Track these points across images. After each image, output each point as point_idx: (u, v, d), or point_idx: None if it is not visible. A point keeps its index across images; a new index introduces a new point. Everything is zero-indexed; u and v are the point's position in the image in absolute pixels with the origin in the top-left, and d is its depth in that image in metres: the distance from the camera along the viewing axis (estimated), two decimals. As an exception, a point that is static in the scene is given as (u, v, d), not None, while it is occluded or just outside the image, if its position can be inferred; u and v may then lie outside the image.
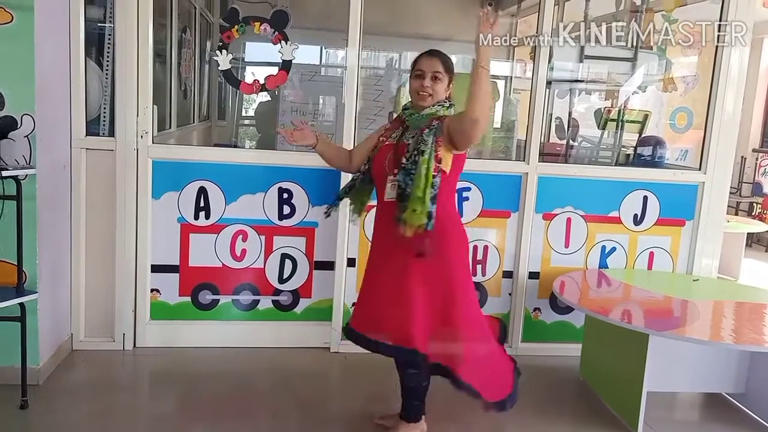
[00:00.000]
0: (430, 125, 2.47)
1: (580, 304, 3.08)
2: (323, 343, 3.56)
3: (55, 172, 3.08)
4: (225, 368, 3.29)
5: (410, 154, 2.43)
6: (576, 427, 2.96)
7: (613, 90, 4.78)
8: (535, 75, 3.54)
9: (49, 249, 3.00)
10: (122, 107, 3.24)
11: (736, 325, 2.95)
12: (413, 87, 2.52)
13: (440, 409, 2.85)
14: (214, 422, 2.78)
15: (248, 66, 4.39)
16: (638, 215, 3.71)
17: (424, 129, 2.46)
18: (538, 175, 3.58)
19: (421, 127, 2.48)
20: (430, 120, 2.49)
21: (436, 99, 2.51)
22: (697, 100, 4.00)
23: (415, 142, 2.45)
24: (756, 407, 3.11)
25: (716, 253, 3.78)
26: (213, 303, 3.51)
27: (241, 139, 5.05)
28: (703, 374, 3.13)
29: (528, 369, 3.53)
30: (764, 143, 8.42)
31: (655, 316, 3.05)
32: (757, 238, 7.66)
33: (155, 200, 3.36)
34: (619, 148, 4.47)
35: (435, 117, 2.49)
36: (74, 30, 3.13)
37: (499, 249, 3.64)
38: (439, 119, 2.47)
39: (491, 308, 3.68)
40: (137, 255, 3.36)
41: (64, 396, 2.88)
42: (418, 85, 2.50)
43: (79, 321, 3.36)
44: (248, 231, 3.46)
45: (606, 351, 3.24)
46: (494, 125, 4.34)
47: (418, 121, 2.51)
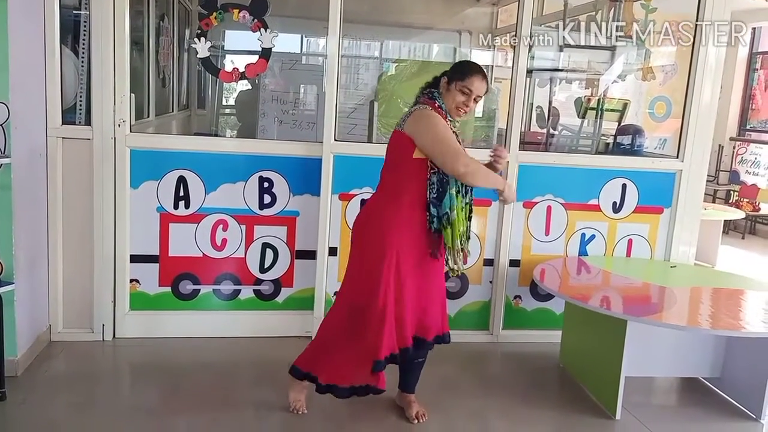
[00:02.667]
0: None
1: (560, 291, 3.11)
2: (305, 332, 3.55)
3: (31, 162, 3.03)
4: (206, 358, 3.28)
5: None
6: (556, 412, 2.99)
7: (593, 79, 4.81)
8: (515, 64, 3.54)
9: (25, 239, 2.96)
10: (99, 95, 3.19)
11: (712, 311, 3.00)
12: (457, 101, 2.53)
13: (421, 395, 2.87)
14: (196, 413, 2.77)
15: (228, 54, 4.36)
16: (617, 203, 3.75)
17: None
18: (518, 164, 3.59)
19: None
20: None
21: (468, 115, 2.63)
22: (676, 89, 4.03)
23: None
24: (732, 391, 3.17)
25: (693, 241, 3.83)
26: (194, 293, 3.49)
27: (221, 128, 5.00)
28: (680, 359, 3.18)
29: (509, 356, 3.61)
30: (741, 132, 8.54)
31: (633, 303, 3.09)
32: (733, 225, 7.77)
33: (134, 190, 3.33)
34: (599, 136, 4.51)
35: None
36: (49, 17, 3.07)
37: (480, 237, 3.66)
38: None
39: (473, 296, 3.71)
40: (116, 245, 3.33)
41: (43, 387, 2.86)
42: (461, 102, 2.53)
43: (57, 312, 3.32)
44: (229, 220, 3.44)
45: (585, 337, 3.28)
46: (475, 114, 4.35)
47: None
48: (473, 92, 2.51)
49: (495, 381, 3.29)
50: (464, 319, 3.71)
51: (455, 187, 2.52)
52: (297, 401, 2.78)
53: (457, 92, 2.52)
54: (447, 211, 2.50)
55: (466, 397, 3.06)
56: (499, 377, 3.37)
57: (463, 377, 3.25)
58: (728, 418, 3.02)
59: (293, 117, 3.94)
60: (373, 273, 2.51)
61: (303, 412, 2.76)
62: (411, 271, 2.55)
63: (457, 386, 3.15)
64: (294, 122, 3.92)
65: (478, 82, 2.51)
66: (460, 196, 2.54)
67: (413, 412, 2.76)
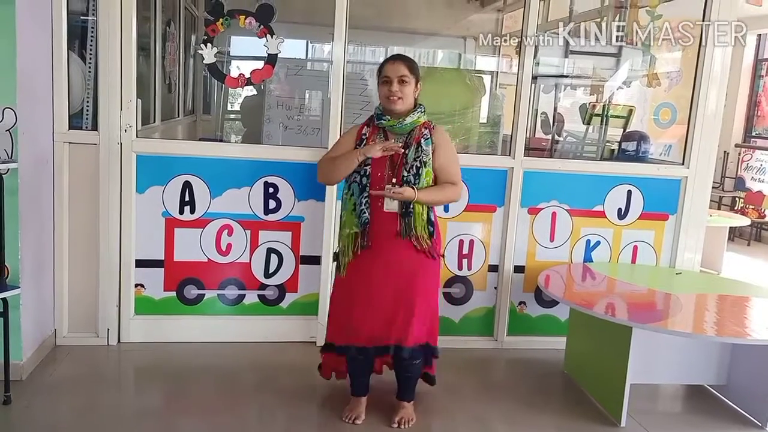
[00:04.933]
0: (422, 134, 2.62)
1: (564, 298, 3.11)
2: (309, 338, 3.56)
3: (38, 167, 3.05)
4: (210, 363, 3.28)
5: (410, 166, 2.58)
6: (560, 419, 2.98)
7: (598, 85, 4.81)
8: (520, 70, 3.55)
9: (31, 244, 2.97)
10: (105, 101, 3.21)
11: (718, 318, 2.99)
12: (382, 93, 2.63)
13: (425, 402, 2.86)
14: (200, 418, 2.77)
15: (234, 60, 4.37)
16: (622, 209, 3.74)
17: (419, 138, 2.60)
18: (523, 170, 3.59)
19: (404, 134, 2.63)
20: (419, 128, 2.63)
21: (406, 102, 2.62)
22: (681, 96, 4.03)
23: (415, 153, 2.59)
24: (737, 399, 3.15)
25: (699, 247, 3.82)
26: (198, 298, 3.49)
27: (226, 133, 5.02)
28: (685, 366, 3.17)
29: (513, 362, 3.60)
30: (747, 138, 8.51)
31: (638, 309, 3.08)
32: (739, 232, 7.75)
33: (139, 195, 3.34)
34: (604, 143, 4.50)
35: (421, 125, 2.64)
36: (56, 22, 3.09)
37: (484, 243, 3.65)
38: (425, 126, 2.65)
39: (477, 302, 3.70)
40: (121, 250, 3.34)
41: (48, 392, 2.86)
42: (386, 91, 2.60)
43: (62, 316, 3.33)
44: (234, 225, 3.45)
45: (590, 344, 3.27)
46: (480, 120, 4.35)
47: (403, 129, 2.63)
48: (391, 77, 2.59)
49: (499, 387, 3.28)
50: (469, 325, 3.70)
51: (347, 190, 2.68)
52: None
53: (381, 87, 2.63)
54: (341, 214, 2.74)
55: (470, 402, 3.05)
56: (504, 383, 3.36)
57: (467, 383, 3.24)
58: (733, 425, 3.00)
59: (298, 122, 3.95)
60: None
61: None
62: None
63: (461, 392, 3.15)
64: (299, 128, 3.93)
65: (389, 66, 2.62)
66: (353, 198, 2.65)
67: (397, 417, 2.76)
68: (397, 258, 2.60)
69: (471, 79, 4.48)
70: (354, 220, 2.62)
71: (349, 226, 2.63)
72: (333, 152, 2.74)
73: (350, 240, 2.63)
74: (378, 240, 2.60)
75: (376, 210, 2.60)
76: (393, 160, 2.60)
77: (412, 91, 2.62)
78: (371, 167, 2.59)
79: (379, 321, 2.62)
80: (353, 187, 2.63)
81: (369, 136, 2.67)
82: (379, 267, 2.61)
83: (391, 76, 2.59)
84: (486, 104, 4.64)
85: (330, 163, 2.67)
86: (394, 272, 2.61)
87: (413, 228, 2.58)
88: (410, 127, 2.63)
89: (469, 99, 4.04)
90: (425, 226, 2.61)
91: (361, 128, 2.71)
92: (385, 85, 2.61)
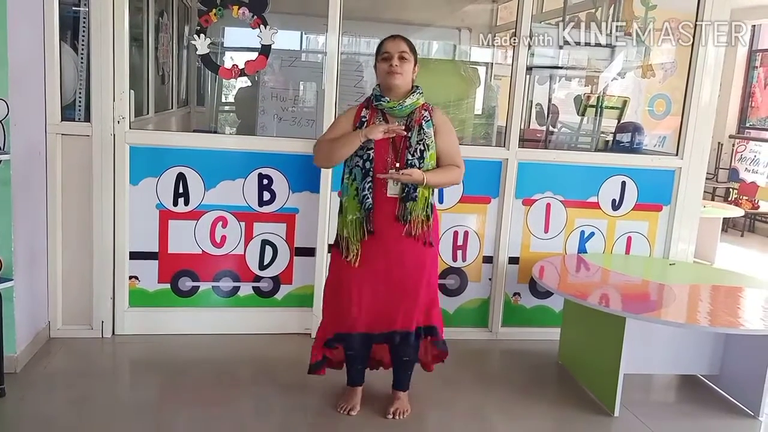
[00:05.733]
0: (422, 116, 2.59)
1: (559, 289, 3.12)
2: (304, 330, 3.56)
3: (30, 158, 3.03)
4: (205, 355, 3.28)
5: (413, 149, 2.55)
6: (554, 409, 3.00)
7: (593, 76, 4.80)
8: (515, 61, 3.54)
9: (24, 236, 2.96)
10: (98, 92, 3.19)
11: (711, 308, 3.00)
12: (382, 69, 2.60)
13: (421, 392, 2.87)
14: (195, 410, 2.77)
15: (227, 51, 4.35)
16: (616, 200, 3.75)
17: (420, 120, 2.58)
18: (518, 161, 3.59)
19: (404, 116, 2.59)
20: (419, 110, 2.60)
21: (406, 79, 2.58)
22: (675, 87, 4.03)
23: (417, 136, 2.56)
24: (730, 388, 3.17)
25: (692, 238, 3.83)
26: (193, 290, 3.49)
27: (221, 125, 5.00)
28: (678, 356, 3.18)
29: (508, 353, 3.61)
30: (741, 129, 8.54)
31: (632, 300, 3.09)
32: (732, 223, 7.78)
33: (133, 186, 3.32)
34: (598, 134, 4.50)
35: (420, 106, 2.61)
36: (48, 13, 3.07)
37: (479, 234, 3.66)
38: (424, 108, 2.61)
39: (472, 293, 3.71)
40: (115, 242, 3.33)
41: (42, 384, 2.86)
42: (386, 66, 2.57)
43: (56, 309, 3.32)
44: (228, 217, 3.44)
45: (584, 334, 3.28)
46: (475, 111, 4.35)
47: (403, 111, 2.59)
48: (390, 51, 2.57)
49: (494, 378, 3.29)
50: (463, 317, 3.71)
51: (348, 175, 2.64)
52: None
53: (380, 64, 2.60)
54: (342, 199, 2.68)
55: (465, 393, 3.07)
56: (498, 374, 3.38)
57: (462, 374, 3.25)
58: (726, 415, 3.03)
59: (293, 114, 3.94)
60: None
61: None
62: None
63: (457, 383, 3.16)
64: (293, 119, 3.92)
65: (389, 42, 2.60)
66: (355, 183, 2.60)
67: (392, 408, 2.77)
68: (398, 243, 2.58)
69: (466, 70, 4.48)
70: (356, 205, 2.58)
71: (352, 212, 2.58)
72: (331, 134, 2.67)
73: (355, 226, 2.58)
74: (378, 225, 2.57)
75: (379, 195, 2.57)
76: (395, 143, 2.56)
77: (411, 70, 2.59)
78: (374, 151, 2.55)
79: (379, 308, 2.62)
80: (355, 172, 2.58)
81: (369, 118, 2.62)
82: (379, 253, 2.59)
83: (391, 52, 2.55)
84: (481, 95, 4.63)
85: (329, 145, 2.61)
86: (394, 258, 2.59)
87: (413, 212, 2.55)
88: (410, 110, 2.58)
89: (463, 90, 4.02)
90: (424, 209, 2.58)
91: (360, 109, 2.66)
92: (385, 61, 2.56)
